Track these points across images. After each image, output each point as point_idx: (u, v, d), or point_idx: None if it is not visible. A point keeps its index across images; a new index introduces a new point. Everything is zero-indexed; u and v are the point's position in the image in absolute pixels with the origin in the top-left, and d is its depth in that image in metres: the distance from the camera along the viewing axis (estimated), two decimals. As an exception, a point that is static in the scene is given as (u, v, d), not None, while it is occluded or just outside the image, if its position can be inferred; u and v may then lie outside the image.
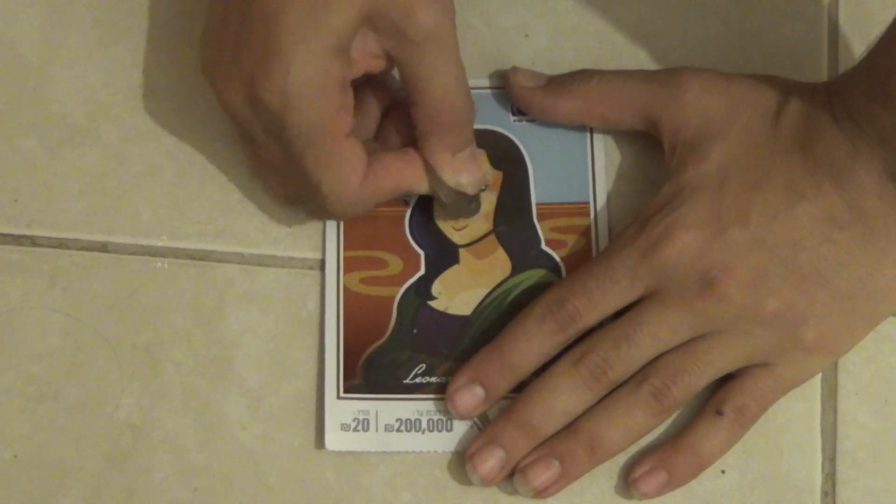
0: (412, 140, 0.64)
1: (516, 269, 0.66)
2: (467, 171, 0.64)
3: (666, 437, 0.65)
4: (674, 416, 0.65)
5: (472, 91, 0.67)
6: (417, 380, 0.65)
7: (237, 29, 0.60)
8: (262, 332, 0.66)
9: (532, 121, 0.68)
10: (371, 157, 0.63)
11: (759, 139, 0.64)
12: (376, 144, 0.65)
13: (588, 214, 0.67)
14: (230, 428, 0.65)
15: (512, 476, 0.64)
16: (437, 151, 0.63)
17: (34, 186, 0.67)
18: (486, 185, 0.65)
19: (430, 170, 0.64)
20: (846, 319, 0.64)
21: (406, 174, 0.64)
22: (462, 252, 0.67)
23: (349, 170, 0.61)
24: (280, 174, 0.63)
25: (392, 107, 0.66)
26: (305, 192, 0.62)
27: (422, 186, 0.64)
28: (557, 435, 0.63)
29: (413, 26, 0.59)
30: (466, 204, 0.65)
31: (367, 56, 0.61)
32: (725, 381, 0.64)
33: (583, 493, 0.65)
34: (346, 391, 0.65)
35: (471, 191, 0.64)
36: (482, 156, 0.65)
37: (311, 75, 0.59)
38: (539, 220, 0.67)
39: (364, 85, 0.64)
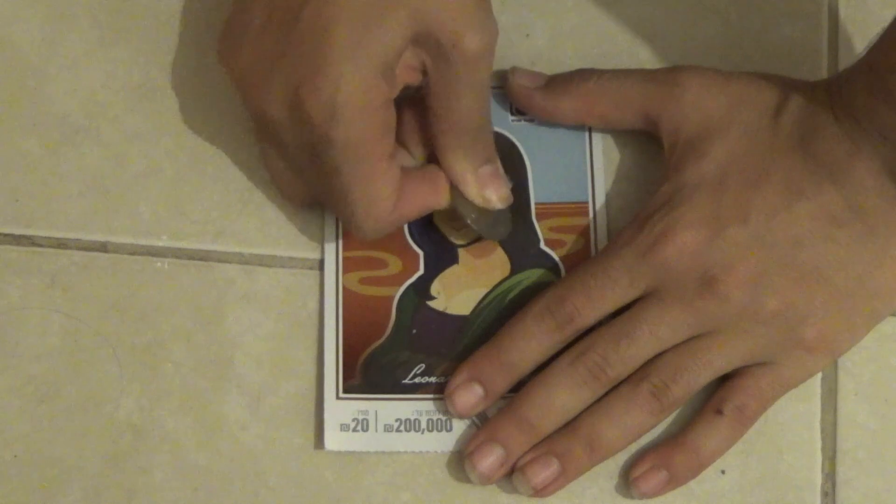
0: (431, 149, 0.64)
1: (515, 269, 0.66)
2: (493, 186, 0.64)
3: (666, 436, 0.65)
4: (674, 415, 0.65)
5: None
6: (417, 380, 0.65)
7: (282, 35, 0.60)
8: (262, 332, 0.66)
9: (531, 121, 0.68)
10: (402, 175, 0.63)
11: (759, 137, 0.64)
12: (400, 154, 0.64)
13: (587, 214, 0.67)
14: (230, 428, 0.65)
15: (511, 475, 0.64)
16: (460, 166, 0.63)
17: (34, 186, 0.67)
18: (509, 202, 0.65)
19: (455, 191, 0.64)
20: (846, 318, 0.64)
21: (432, 197, 0.64)
22: (461, 252, 0.67)
23: (384, 194, 0.61)
24: (304, 180, 0.63)
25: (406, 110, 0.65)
26: (333, 203, 0.62)
27: (444, 204, 0.64)
28: (557, 433, 0.63)
29: (459, 51, 0.60)
30: (493, 225, 0.65)
31: (407, 69, 0.61)
32: (725, 380, 0.64)
33: (583, 492, 0.65)
34: (345, 391, 0.65)
35: (499, 205, 0.64)
36: (503, 174, 0.65)
37: (359, 93, 0.59)
38: (538, 220, 0.67)
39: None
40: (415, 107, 0.63)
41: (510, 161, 0.67)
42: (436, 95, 0.61)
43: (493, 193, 0.64)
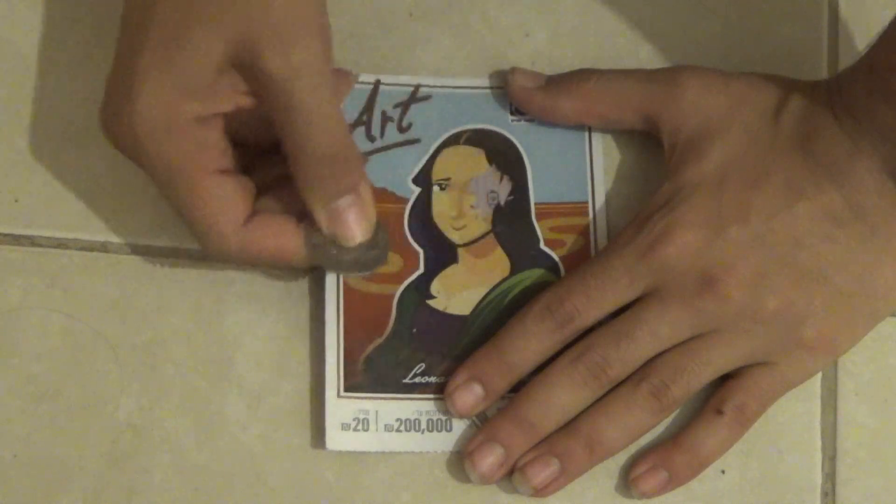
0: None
1: (515, 269, 0.66)
2: (342, 223, 0.60)
3: (666, 436, 0.65)
4: (674, 414, 0.65)
5: (472, 91, 0.68)
6: (417, 379, 0.65)
7: (115, 63, 0.60)
8: (262, 332, 0.66)
9: (530, 120, 0.68)
10: (261, 212, 0.60)
11: (759, 137, 0.64)
12: (276, 204, 0.62)
13: (587, 214, 0.67)
14: (230, 428, 0.65)
15: (511, 475, 0.64)
16: (309, 201, 0.59)
17: (34, 186, 0.67)
18: (381, 235, 0.62)
19: (307, 225, 0.60)
20: (846, 318, 0.64)
21: (288, 238, 0.60)
22: (461, 251, 0.67)
23: (219, 208, 0.59)
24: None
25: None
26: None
27: (300, 257, 0.61)
28: (557, 433, 0.63)
29: (264, 73, 0.58)
30: (361, 258, 0.61)
31: (231, 92, 0.59)
32: (725, 380, 0.64)
33: (583, 492, 0.65)
34: (346, 390, 0.65)
35: (347, 243, 0.60)
36: (368, 206, 0.61)
37: (157, 114, 0.58)
38: (538, 220, 0.67)
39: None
40: None
41: (510, 161, 0.67)
42: (274, 124, 0.59)
43: (343, 230, 0.60)
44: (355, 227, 0.61)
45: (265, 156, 0.62)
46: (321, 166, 0.59)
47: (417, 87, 0.68)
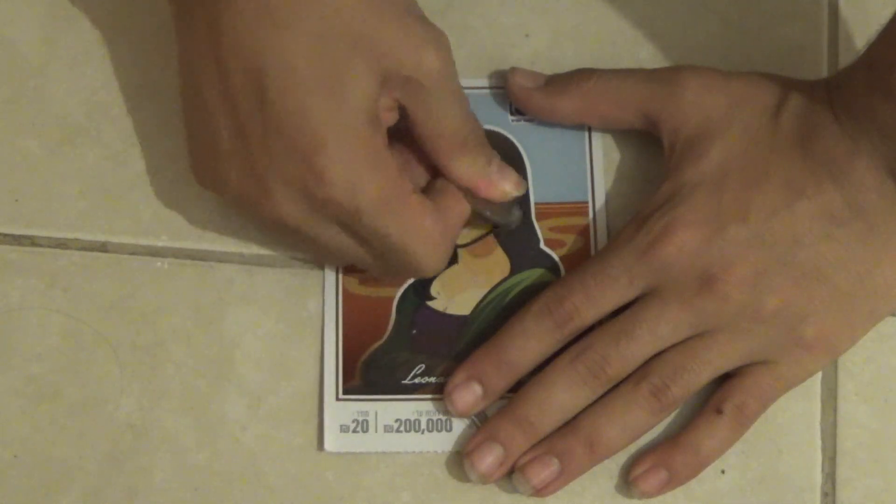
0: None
1: (515, 269, 0.66)
2: (505, 178, 0.65)
3: (666, 435, 0.65)
4: (674, 414, 0.65)
5: (472, 91, 0.68)
6: (416, 380, 0.65)
7: (259, 137, 0.59)
8: (262, 332, 0.66)
9: (530, 120, 0.68)
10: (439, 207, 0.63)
11: (759, 137, 0.64)
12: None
13: (587, 214, 0.67)
14: (230, 428, 0.65)
15: (511, 474, 0.64)
16: (470, 173, 0.63)
17: (34, 186, 0.67)
18: (525, 187, 0.66)
19: (468, 196, 0.64)
20: (846, 317, 0.64)
21: (459, 205, 0.64)
22: (461, 252, 0.67)
23: (430, 223, 0.62)
24: (359, 258, 0.63)
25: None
26: (395, 262, 0.62)
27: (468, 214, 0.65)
28: (556, 433, 0.63)
29: (425, 74, 0.60)
30: (509, 212, 0.66)
31: (385, 113, 0.61)
32: (725, 379, 0.64)
33: (583, 492, 0.65)
34: (345, 392, 0.65)
35: (516, 193, 0.65)
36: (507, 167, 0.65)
37: (360, 153, 0.59)
38: (538, 220, 0.67)
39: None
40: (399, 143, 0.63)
41: (510, 161, 0.67)
42: (422, 122, 0.62)
43: (508, 184, 0.65)
44: (510, 184, 0.65)
45: None
46: (471, 139, 0.63)
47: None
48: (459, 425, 0.65)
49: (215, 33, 0.59)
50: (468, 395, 0.64)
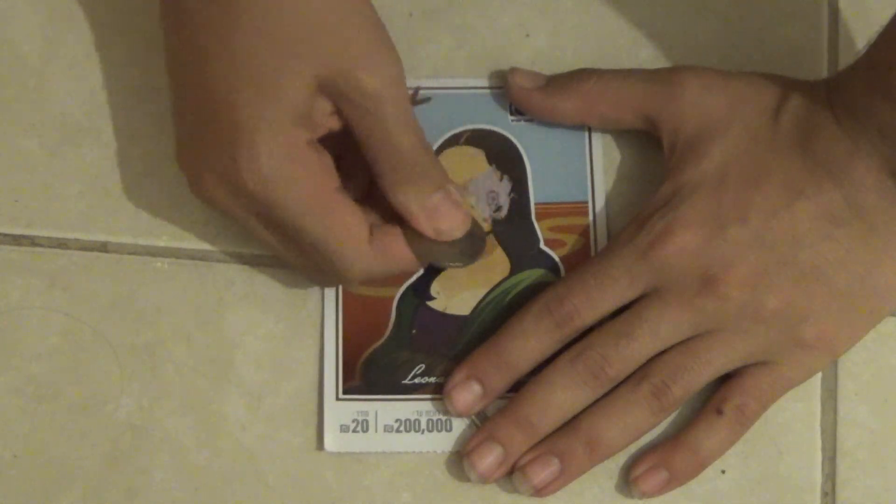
0: None
1: (515, 269, 0.66)
2: (445, 216, 0.63)
3: (666, 435, 0.65)
4: (674, 415, 0.65)
5: (472, 91, 0.68)
6: (416, 380, 0.65)
7: (203, 123, 0.61)
8: (262, 332, 0.66)
9: (530, 120, 0.68)
10: (375, 226, 0.62)
11: (759, 137, 0.64)
12: (375, 215, 0.64)
13: (587, 214, 0.67)
14: (230, 428, 0.65)
15: (511, 474, 0.64)
16: (404, 203, 0.62)
17: (34, 186, 0.67)
18: (477, 225, 0.64)
19: (412, 234, 0.62)
20: (846, 317, 0.64)
21: (403, 244, 0.63)
22: (461, 252, 0.67)
23: (352, 224, 0.61)
24: (287, 251, 0.63)
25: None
26: (317, 260, 0.62)
27: (415, 262, 0.63)
28: (557, 433, 0.63)
29: (364, 95, 0.60)
30: (454, 256, 0.64)
31: (323, 116, 0.61)
32: (725, 379, 0.64)
33: (583, 492, 0.65)
34: (345, 392, 0.65)
35: (456, 234, 0.63)
36: (461, 197, 0.63)
37: (279, 149, 0.60)
38: (538, 220, 0.67)
39: (346, 150, 0.63)
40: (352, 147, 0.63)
41: (510, 161, 0.67)
42: (360, 138, 0.61)
43: (445, 223, 0.63)
44: (453, 218, 0.63)
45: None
46: (412, 169, 0.62)
47: (417, 89, 0.68)
48: (459, 425, 0.65)
49: (182, 20, 0.61)
50: (467, 394, 0.64)
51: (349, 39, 0.60)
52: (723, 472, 0.65)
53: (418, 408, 0.65)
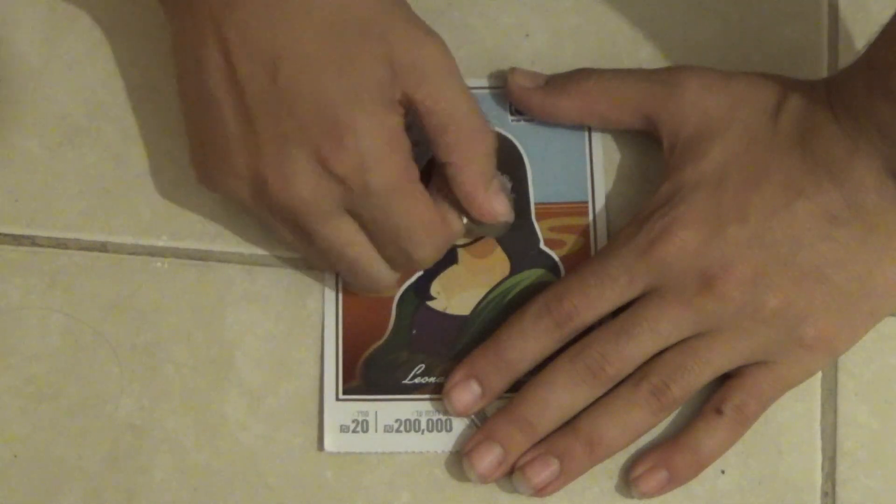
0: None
1: (515, 269, 0.66)
2: (499, 200, 0.64)
3: (666, 435, 0.65)
4: (674, 415, 0.65)
5: (472, 91, 0.67)
6: (416, 380, 0.65)
7: (273, 120, 0.60)
8: (262, 332, 0.66)
9: (530, 120, 0.68)
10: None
11: (759, 137, 0.64)
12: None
13: (587, 214, 0.67)
14: (230, 428, 0.65)
15: (511, 474, 0.64)
16: (470, 182, 0.63)
17: (34, 186, 0.67)
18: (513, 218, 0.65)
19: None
20: (846, 317, 0.64)
21: (456, 215, 0.64)
22: (461, 252, 0.67)
23: (432, 212, 0.62)
24: (351, 257, 0.63)
25: None
26: (392, 251, 0.63)
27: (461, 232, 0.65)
28: (556, 433, 0.63)
29: (431, 64, 0.61)
30: (503, 225, 0.66)
31: (402, 99, 0.61)
32: (725, 379, 0.64)
33: (583, 492, 0.65)
34: (345, 392, 0.65)
35: (503, 219, 0.64)
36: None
37: (376, 132, 0.60)
38: (537, 220, 0.67)
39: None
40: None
41: (510, 161, 0.67)
42: (428, 112, 0.62)
43: (501, 207, 0.64)
44: (503, 205, 0.64)
45: None
46: (481, 149, 0.63)
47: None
48: (459, 425, 0.65)
49: (220, 27, 0.60)
50: (467, 394, 0.64)
51: (409, 19, 0.62)
52: (723, 472, 0.65)
53: (418, 408, 0.65)
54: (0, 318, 0.66)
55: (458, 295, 0.66)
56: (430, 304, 0.66)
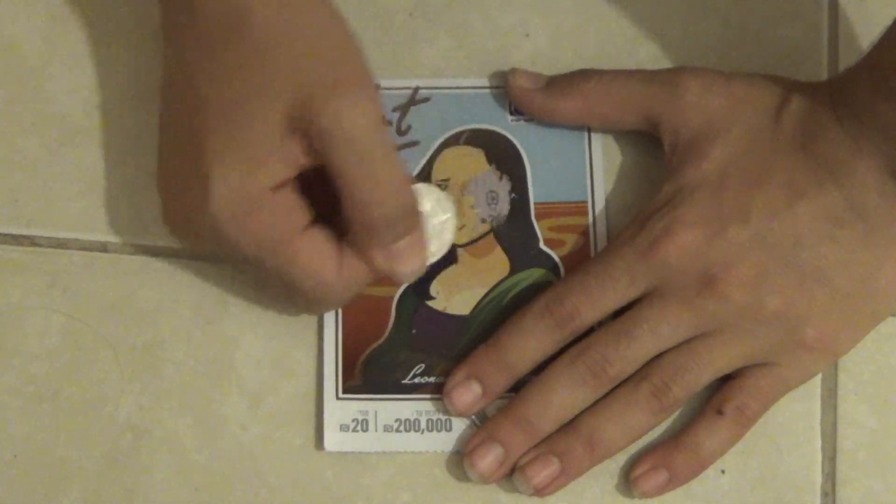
0: None
1: (515, 269, 0.66)
2: (403, 261, 0.61)
3: (666, 436, 0.65)
4: (674, 415, 0.65)
5: (472, 91, 0.68)
6: (416, 380, 0.65)
7: (173, 153, 0.61)
8: (262, 332, 0.66)
9: (530, 120, 0.68)
10: (346, 250, 0.61)
11: (760, 138, 0.64)
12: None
13: (586, 214, 0.67)
14: (230, 428, 0.65)
15: (511, 474, 0.64)
16: (367, 247, 0.60)
17: (34, 186, 0.67)
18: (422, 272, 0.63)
19: None
20: (847, 318, 0.64)
21: (361, 268, 0.61)
22: (460, 251, 0.67)
23: (318, 264, 0.60)
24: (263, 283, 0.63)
25: None
26: (289, 292, 0.62)
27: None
28: (557, 433, 0.63)
29: (343, 131, 0.58)
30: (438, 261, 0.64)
31: (299, 155, 0.59)
32: (726, 380, 0.64)
33: (583, 492, 0.65)
34: (345, 392, 0.65)
35: (409, 280, 0.62)
36: (422, 242, 0.62)
37: (236, 196, 0.58)
38: (537, 220, 0.67)
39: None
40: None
41: (510, 161, 0.67)
42: (335, 177, 0.59)
43: (403, 268, 0.61)
44: (413, 263, 0.61)
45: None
46: (380, 220, 0.60)
47: (416, 89, 0.68)
48: (459, 425, 0.65)
49: (176, 52, 0.62)
50: (467, 394, 0.64)
51: (314, 69, 0.59)
52: (723, 472, 0.65)
53: (418, 407, 0.65)
54: (0, 318, 0.66)
55: (457, 294, 0.66)
56: (430, 303, 0.66)
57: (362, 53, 0.60)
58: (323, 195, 0.60)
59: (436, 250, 0.64)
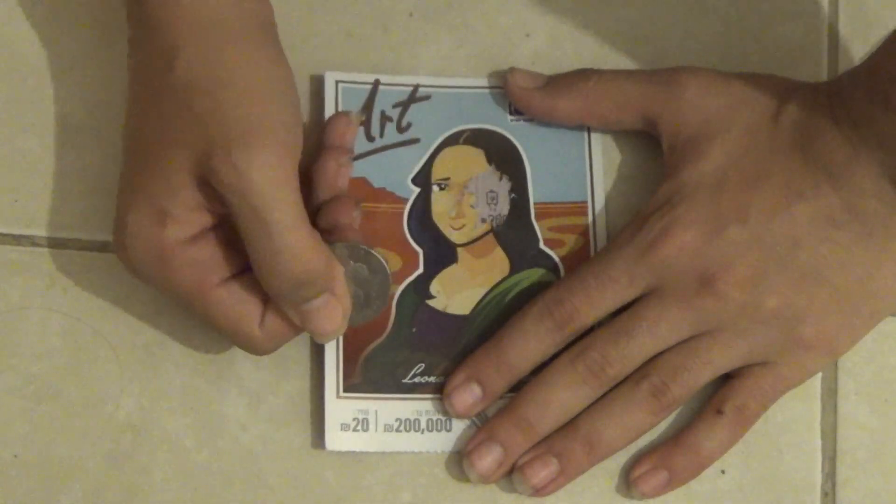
0: None
1: (515, 269, 0.66)
2: (316, 321, 0.60)
3: (666, 436, 0.65)
4: (674, 415, 0.65)
5: (472, 91, 0.68)
6: (416, 379, 0.65)
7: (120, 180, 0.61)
8: (261, 332, 0.66)
9: (530, 120, 0.68)
10: (269, 306, 0.60)
11: (759, 138, 0.64)
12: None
13: (586, 214, 0.67)
14: (230, 428, 0.65)
15: (511, 474, 0.64)
16: (280, 305, 0.60)
17: (34, 186, 0.67)
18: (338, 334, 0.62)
19: None
20: (846, 318, 0.64)
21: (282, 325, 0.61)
22: (460, 251, 0.67)
23: (235, 318, 0.60)
24: None
25: None
26: None
27: None
28: (556, 433, 0.63)
29: (231, 184, 0.57)
30: (370, 311, 0.63)
31: (214, 206, 0.59)
32: (726, 380, 0.64)
33: (583, 492, 0.65)
34: (345, 390, 0.65)
35: (327, 339, 0.61)
36: (341, 300, 0.61)
37: (145, 246, 0.59)
38: (537, 220, 0.67)
39: None
40: None
41: (509, 161, 0.67)
42: (242, 235, 0.58)
43: (318, 327, 0.60)
44: (328, 322, 0.60)
45: None
46: (283, 286, 0.59)
47: (417, 87, 0.68)
48: (459, 425, 0.65)
49: (130, 69, 0.62)
50: (468, 396, 0.64)
51: (219, 119, 0.57)
52: (723, 472, 0.65)
53: (418, 407, 0.65)
54: (0, 318, 0.66)
55: (457, 294, 0.66)
56: (430, 302, 0.66)
57: (295, 104, 0.59)
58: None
59: (365, 310, 0.63)
